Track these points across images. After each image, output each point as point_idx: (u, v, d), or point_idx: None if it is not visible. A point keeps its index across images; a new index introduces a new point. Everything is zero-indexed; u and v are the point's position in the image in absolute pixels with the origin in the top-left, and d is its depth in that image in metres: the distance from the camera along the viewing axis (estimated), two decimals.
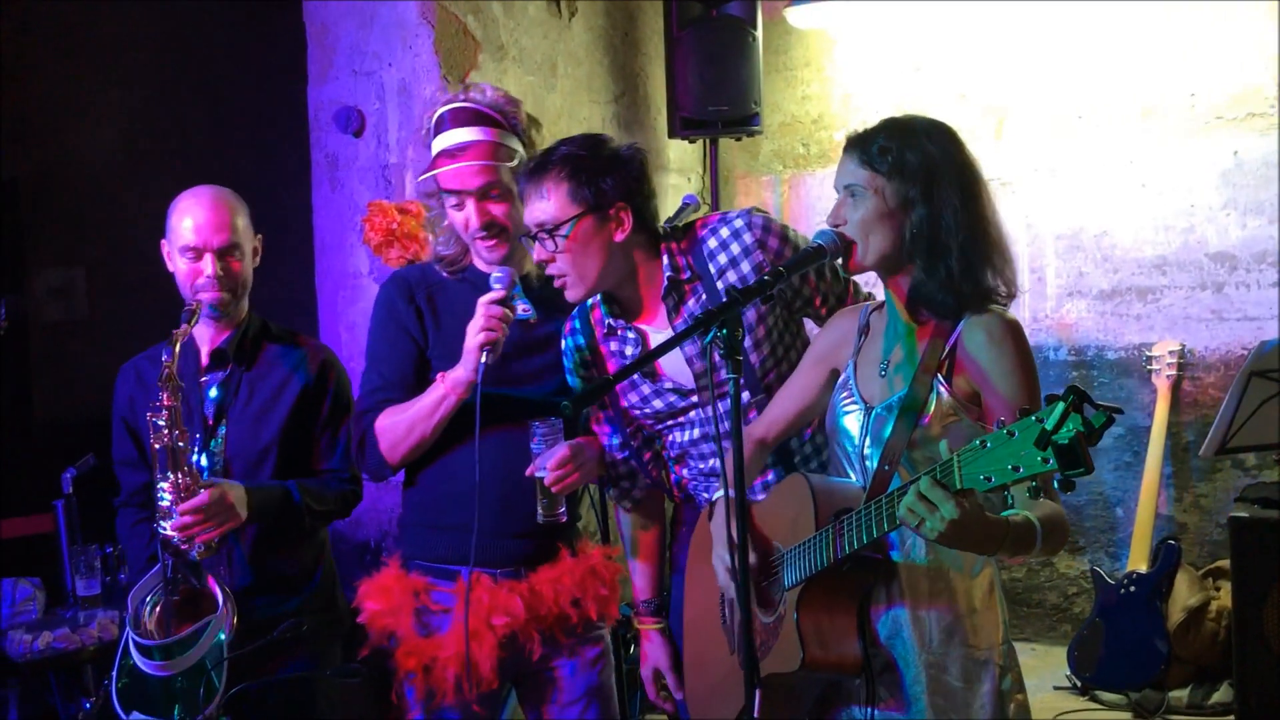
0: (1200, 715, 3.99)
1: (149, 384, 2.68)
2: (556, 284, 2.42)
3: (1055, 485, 1.61)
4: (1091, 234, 4.62)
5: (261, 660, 2.45)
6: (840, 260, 2.09)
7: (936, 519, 1.72)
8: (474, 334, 2.41)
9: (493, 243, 2.55)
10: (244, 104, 5.72)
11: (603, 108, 4.58)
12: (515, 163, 2.54)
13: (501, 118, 2.54)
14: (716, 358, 1.92)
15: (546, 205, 2.35)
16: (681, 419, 2.53)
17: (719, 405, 2.02)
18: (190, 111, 6.00)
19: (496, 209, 2.53)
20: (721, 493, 2.24)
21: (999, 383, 1.96)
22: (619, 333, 2.50)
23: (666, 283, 2.42)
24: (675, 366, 2.47)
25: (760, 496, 2.42)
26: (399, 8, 3.81)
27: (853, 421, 2.11)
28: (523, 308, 2.47)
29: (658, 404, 2.51)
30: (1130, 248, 4.56)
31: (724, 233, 2.43)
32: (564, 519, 2.50)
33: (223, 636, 2.39)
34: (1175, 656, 4.07)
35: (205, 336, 2.71)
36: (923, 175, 1.99)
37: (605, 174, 2.36)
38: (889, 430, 2.02)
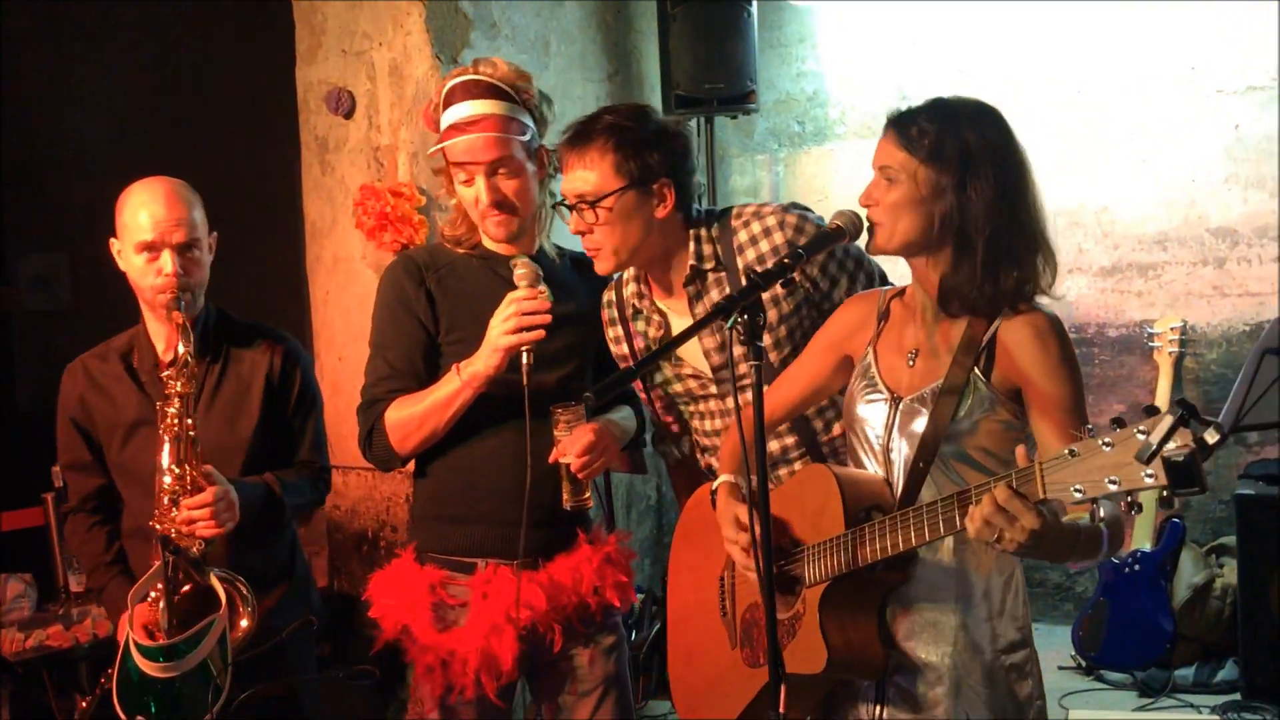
0: (1206, 693, 3.98)
1: (101, 383, 2.61)
2: (590, 255, 2.36)
3: (1158, 501, 1.54)
4: (1092, 210, 4.57)
5: (260, 661, 2.38)
6: (866, 242, 2.04)
7: (1017, 530, 1.66)
8: (501, 333, 2.34)
9: (500, 218, 2.47)
10: (231, 87, 5.63)
11: (596, 86, 4.50)
12: (527, 138, 2.47)
13: (513, 92, 2.46)
14: (736, 347, 1.86)
15: (589, 176, 2.29)
16: (702, 407, 2.49)
17: (737, 392, 1.97)
18: (176, 96, 5.90)
19: (507, 185, 2.45)
20: (724, 479, 2.19)
21: (1046, 382, 1.91)
22: (643, 312, 2.46)
23: (689, 270, 2.36)
24: (693, 354, 2.42)
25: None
26: None
27: (876, 411, 2.05)
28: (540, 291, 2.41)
29: (678, 387, 2.49)
30: (1131, 223, 4.52)
31: (755, 228, 2.36)
32: (590, 505, 2.46)
33: (258, 619, 2.35)
34: (1180, 635, 4.06)
35: (161, 332, 2.60)
36: (958, 164, 1.92)
37: (652, 148, 2.30)
38: (919, 423, 1.97)
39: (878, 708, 2.03)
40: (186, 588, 2.35)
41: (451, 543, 2.52)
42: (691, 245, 2.37)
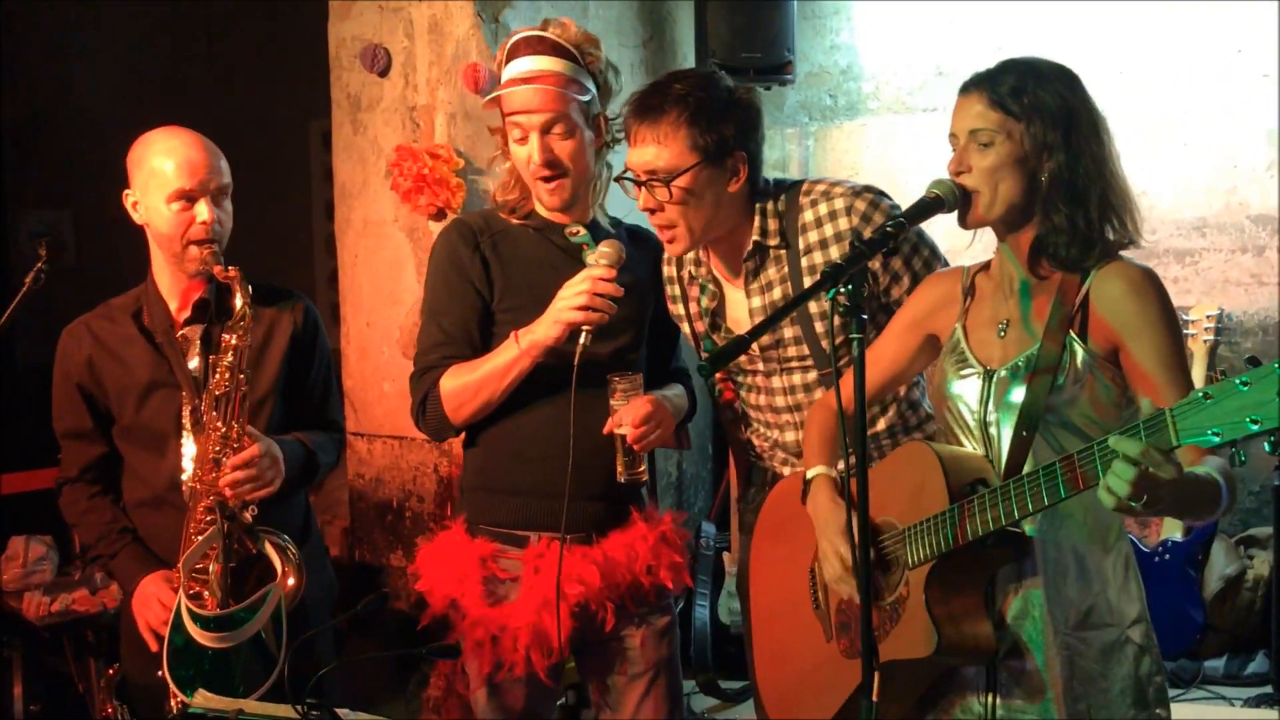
0: (1236, 685, 3.93)
1: (110, 344, 2.50)
2: (661, 235, 2.28)
3: None
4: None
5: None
6: (958, 213, 1.96)
7: (1153, 484, 1.58)
8: (568, 307, 2.27)
9: (554, 185, 2.39)
10: (249, 41, 5.50)
11: (631, 52, 4.40)
12: (587, 99, 2.39)
13: (578, 54, 2.38)
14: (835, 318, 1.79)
15: (662, 151, 2.19)
16: (748, 380, 2.43)
17: (837, 373, 1.90)
18: (189, 49, 5.77)
19: (560, 146, 2.37)
20: (818, 471, 2.12)
21: (1145, 336, 1.84)
22: (699, 279, 2.40)
23: (751, 245, 2.29)
24: (741, 326, 2.35)
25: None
26: None
27: (970, 387, 1.97)
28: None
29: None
30: (1170, 209, 4.45)
31: (823, 209, 2.28)
32: (644, 478, 2.39)
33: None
34: (1210, 626, 4.01)
35: (175, 290, 2.50)
36: (1062, 118, 1.87)
37: (726, 120, 2.21)
38: (1016, 394, 1.89)
39: (990, 696, 1.95)
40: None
41: (503, 515, 2.45)
42: (756, 220, 2.29)
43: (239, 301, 2.31)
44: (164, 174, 2.39)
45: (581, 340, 2.27)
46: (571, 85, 2.36)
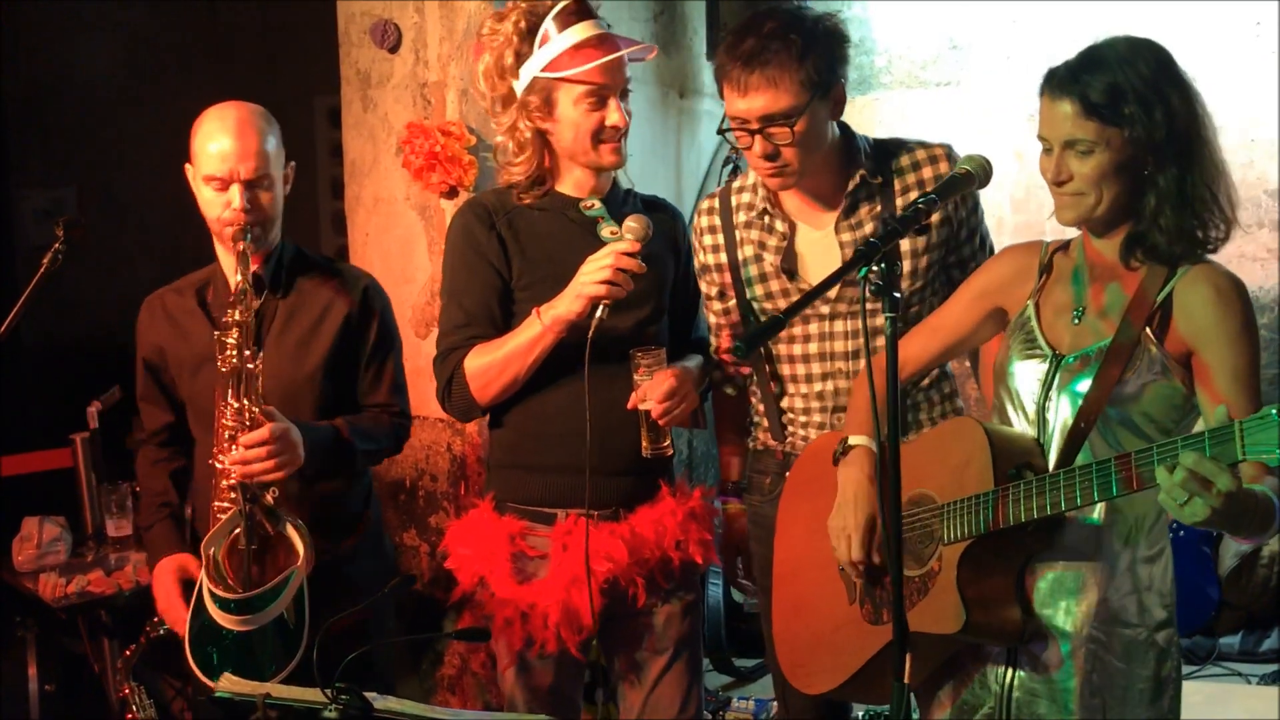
0: (1251, 662, 3.94)
1: (175, 316, 2.53)
2: (771, 175, 2.26)
3: None
4: None
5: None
6: (1057, 211, 1.94)
7: (1212, 496, 1.56)
8: (591, 281, 2.25)
9: (618, 144, 2.39)
10: (254, 16, 5.45)
11: (642, 26, 4.35)
12: None
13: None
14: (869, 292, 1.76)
15: (779, 95, 2.17)
16: (797, 330, 2.39)
17: (869, 344, 1.88)
18: (196, 24, 5.72)
19: (625, 110, 2.39)
20: (859, 442, 2.10)
21: (1222, 345, 1.81)
22: (767, 221, 2.36)
23: (860, 180, 2.29)
24: (820, 269, 2.31)
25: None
26: None
27: (1033, 369, 1.95)
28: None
29: (783, 303, 2.38)
30: None
31: (920, 154, 2.33)
32: (669, 453, 2.38)
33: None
34: (1226, 603, 4.01)
35: (232, 265, 2.48)
36: (1164, 120, 1.81)
37: (826, 51, 2.20)
38: (1082, 384, 1.87)
39: (1008, 671, 1.95)
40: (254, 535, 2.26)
41: (530, 492, 2.44)
42: (864, 158, 2.31)
43: (238, 277, 2.30)
44: (201, 157, 2.41)
45: (598, 314, 2.25)
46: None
